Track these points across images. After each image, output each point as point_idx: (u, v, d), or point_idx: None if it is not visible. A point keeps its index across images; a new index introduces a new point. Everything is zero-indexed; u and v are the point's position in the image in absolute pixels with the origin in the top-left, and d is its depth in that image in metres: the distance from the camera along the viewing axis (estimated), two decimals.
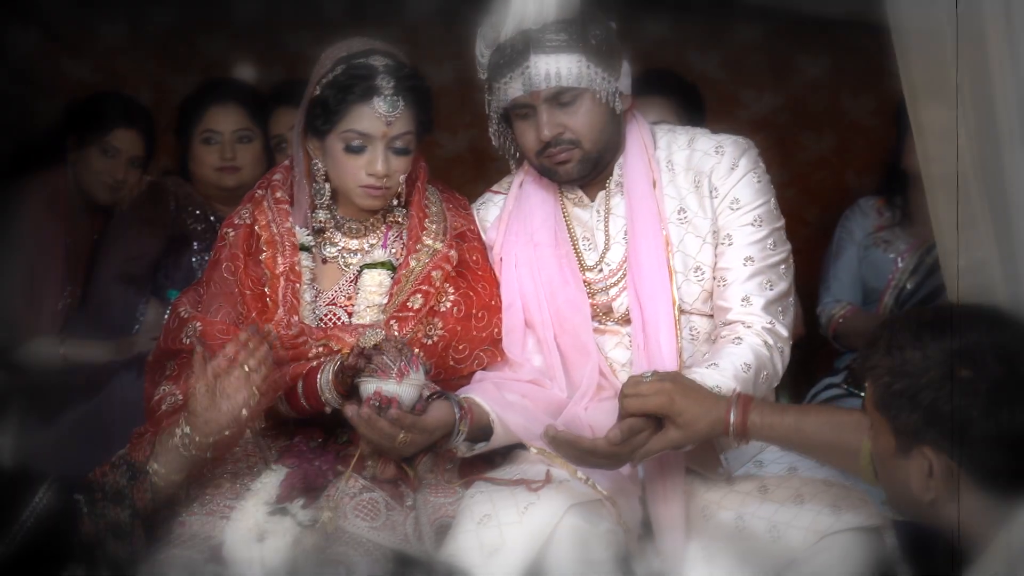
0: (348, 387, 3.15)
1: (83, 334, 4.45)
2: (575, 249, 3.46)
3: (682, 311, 3.33)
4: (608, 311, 3.43)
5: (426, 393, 3.11)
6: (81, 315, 4.55)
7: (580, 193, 3.46)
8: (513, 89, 3.27)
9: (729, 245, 3.31)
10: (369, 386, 3.04)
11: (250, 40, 5.38)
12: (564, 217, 3.48)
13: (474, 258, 3.46)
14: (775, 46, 5.31)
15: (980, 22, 2.82)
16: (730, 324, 3.28)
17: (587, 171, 3.36)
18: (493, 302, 3.43)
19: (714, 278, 3.33)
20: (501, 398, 3.26)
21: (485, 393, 3.25)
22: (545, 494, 3.05)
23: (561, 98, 3.27)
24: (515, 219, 3.50)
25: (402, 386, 3.02)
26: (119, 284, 4.51)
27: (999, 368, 2.36)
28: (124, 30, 5.33)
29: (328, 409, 3.22)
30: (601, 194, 3.45)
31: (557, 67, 3.23)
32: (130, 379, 4.31)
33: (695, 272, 3.33)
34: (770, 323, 3.26)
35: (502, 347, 3.41)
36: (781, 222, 3.37)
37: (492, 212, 3.57)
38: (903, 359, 2.42)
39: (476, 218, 3.58)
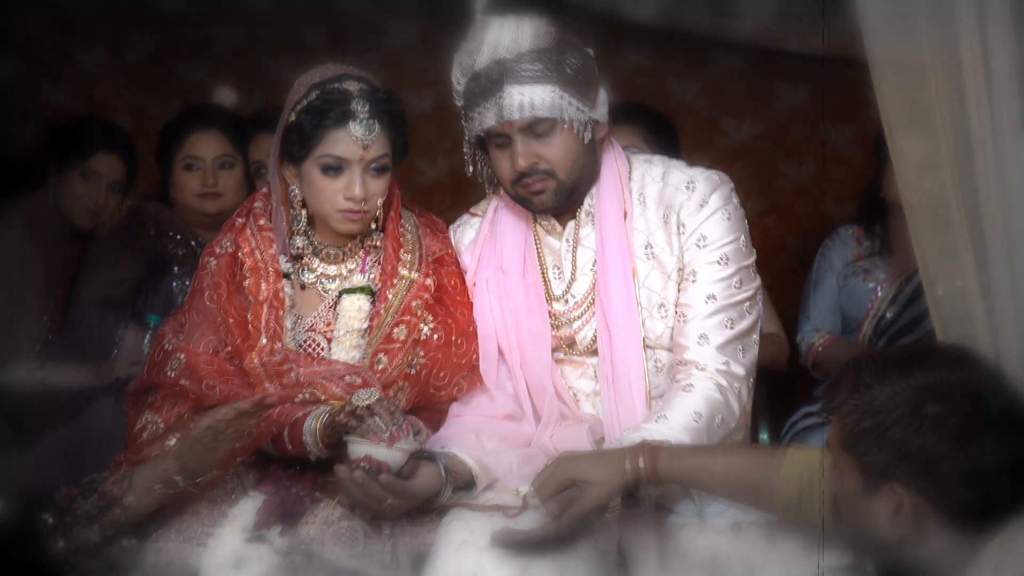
0: (335, 441, 3.16)
1: (62, 359, 4.44)
2: (544, 278, 3.46)
3: (647, 346, 3.33)
4: (572, 343, 3.43)
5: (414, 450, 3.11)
6: (60, 340, 4.54)
7: (553, 221, 3.45)
8: (488, 119, 3.25)
9: (693, 282, 3.30)
10: (359, 448, 3.04)
11: (229, 67, 5.38)
12: (536, 245, 3.48)
13: (452, 283, 3.47)
14: (755, 75, 5.33)
15: (956, 55, 2.84)
16: (684, 364, 3.27)
17: (562, 201, 3.35)
18: (471, 328, 3.44)
19: (676, 313, 3.32)
20: (480, 447, 3.26)
21: (466, 445, 3.25)
22: (522, 519, 3.05)
23: (536, 128, 3.25)
24: (488, 244, 3.50)
25: (392, 451, 3.02)
26: (99, 309, 4.49)
27: (967, 403, 2.38)
28: (103, 57, 5.32)
29: (313, 457, 3.22)
30: (571, 224, 3.44)
31: (531, 97, 3.22)
32: (108, 404, 4.30)
33: (659, 309, 3.33)
34: (725, 363, 3.24)
35: (480, 373, 3.42)
36: (750, 259, 3.35)
37: (468, 235, 3.58)
38: (870, 397, 2.44)
39: (452, 240, 3.58)
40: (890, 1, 2.91)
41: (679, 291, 3.32)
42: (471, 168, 3.45)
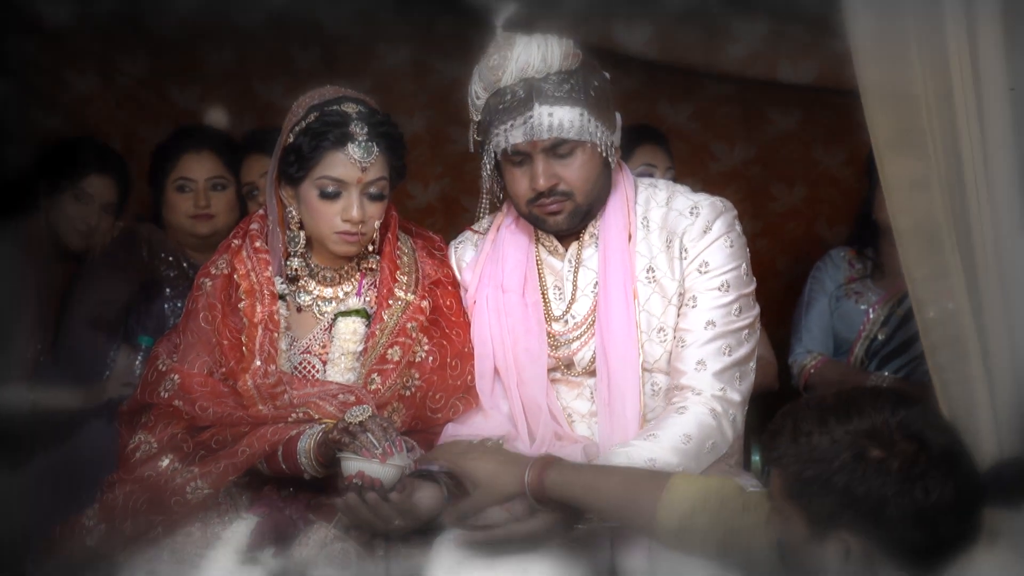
0: (329, 459, 3.16)
1: (54, 380, 4.41)
2: (544, 298, 3.46)
3: (644, 369, 3.33)
4: (569, 364, 3.43)
5: (408, 471, 3.10)
6: (52, 361, 4.51)
7: (555, 242, 3.45)
8: (514, 136, 3.24)
9: (693, 307, 3.30)
10: (352, 465, 3.04)
11: (221, 90, 5.38)
12: (537, 264, 3.48)
13: (447, 303, 3.47)
14: (745, 103, 5.33)
15: (948, 79, 2.86)
16: (681, 389, 3.27)
17: (576, 223, 3.35)
18: (466, 349, 3.45)
19: (674, 338, 3.33)
20: None
21: None
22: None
23: (558, 149, 3.25)
24: (489, 262, 3.50)
25: (385, 467, 3.03)
26: (90, 330, 4.47)
27: (909, 445, 2.38)
28: (95, 80, 5.32)
29: (307, 476, 3.23)
30: (575, 244, 3.44)
31: (560, 118, 3.22)
32: (100, 426, 4.29)
33: (658, 333, 3.33)
34: (721, 390, 3.25)
35: (475, 393, 3.43)
36: (750, 287, 3.37)
37: (469, 252, 3.58)
38: (811, 446, 2.42)
39: (453, 257, 3.59)
40: (881, 24, 2.92)
41: (678, 316, 3.33)
42: (486, 184, 3.42)
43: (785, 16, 4.78)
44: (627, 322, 3.32)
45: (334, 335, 3.40)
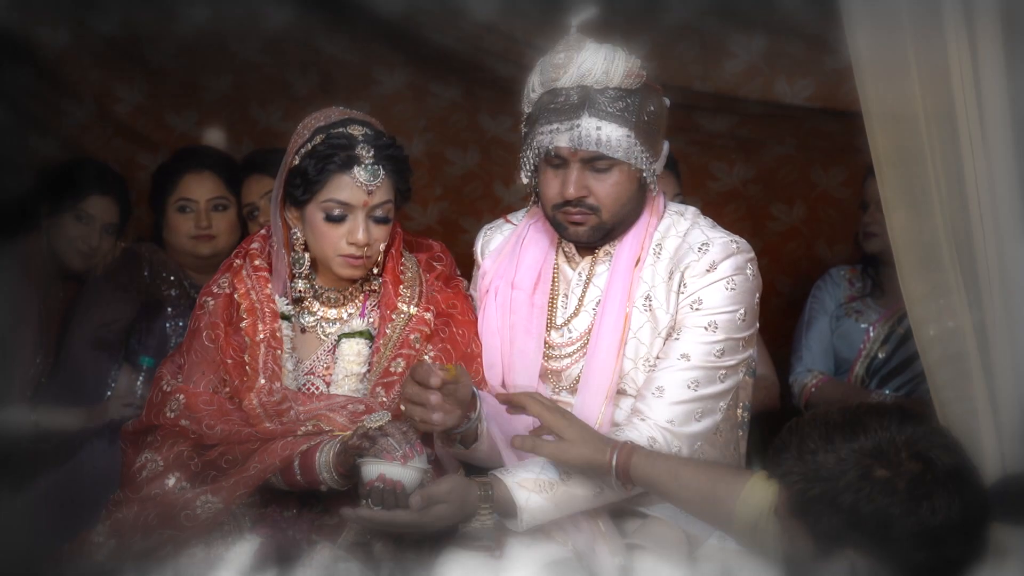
0: (348, 468, 3.15)
1: (55, 401, 4.40)
2: (552, 303, 3.46)
3: (628, 394, 3.33)
4: (558, 379, 3.43)
5: (428, 475, 3.10)
6: (53, 382, 4.50)
7: (573, 250, 3.46)
8: (558, 140, 3.23)
9: (676, 339, 3.29)
10: (373, 468, 3.04)
11: (218, 116, 5.39)
12: (553, 269, 3.48)
13: (451, 303, 3.47)
14: (742, 132, 5.33)
15: (948, 96, 2.87)
16: (633, 412, 3.28)
17: (598, 238, 3.35)
18: (470, 350, 3.45)
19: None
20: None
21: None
22: (517, 554, 3.06)
23: (596, 163, 3.24)
24: (510, 256, 3.51)
25: (406, 469, 3.03)
26: (92, 350, 4.46)
27: (915, 464, 2.38)
28: (92, 108, 5.32)
29: (324, 488, 3.22)
30: (589, 258, 3.44)
31: (608, 135, 3.20)
32: (101, 447, 4.29)
33: (644, 362, 3.32)
34: (669, 422, 3.23)
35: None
36: (744, 332, 3.32)
37: (496, 240, 3.59)
38: (816, 464, 2.43)
39: (480, 241, 3.61)
40: (881, 42, 2.93)
41: (664, 345, 3.32)
42: (525, 177, 3.38)
43: (783, 33, 4.81)
44: (612, 346, 3.32)
45: (338, 356, 3.40)
